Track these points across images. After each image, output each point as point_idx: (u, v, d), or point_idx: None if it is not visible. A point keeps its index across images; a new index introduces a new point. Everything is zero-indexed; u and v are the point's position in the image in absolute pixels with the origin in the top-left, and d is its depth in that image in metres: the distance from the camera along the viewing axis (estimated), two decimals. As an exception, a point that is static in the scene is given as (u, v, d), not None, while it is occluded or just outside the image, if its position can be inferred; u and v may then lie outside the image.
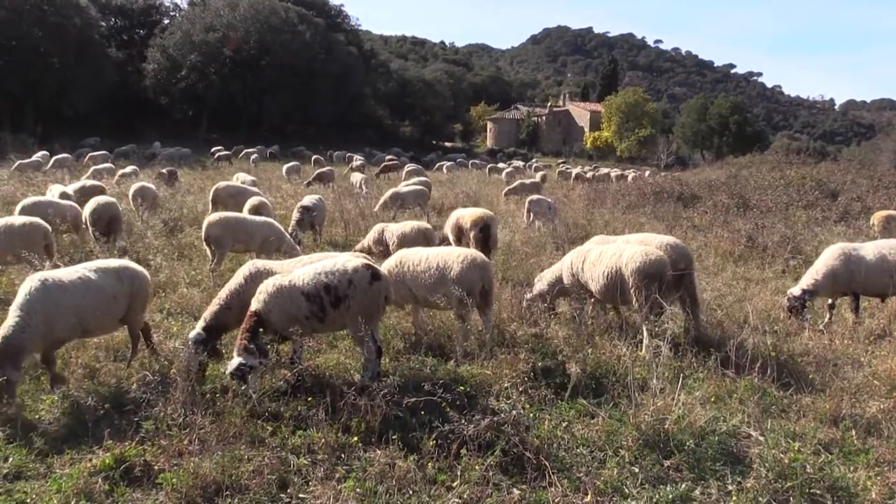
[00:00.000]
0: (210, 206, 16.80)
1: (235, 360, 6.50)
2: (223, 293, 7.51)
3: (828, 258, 9.79)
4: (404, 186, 20.05)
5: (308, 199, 15.44)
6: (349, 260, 7.06)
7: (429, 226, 12.34)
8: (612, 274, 8.44)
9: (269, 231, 11.74)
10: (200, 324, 7.33)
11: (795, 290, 9.80)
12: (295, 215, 14.51)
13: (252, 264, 7.79)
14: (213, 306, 7.43)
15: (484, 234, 12.15)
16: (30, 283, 6.66)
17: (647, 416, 5.96)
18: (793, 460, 5.37)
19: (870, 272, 9.46)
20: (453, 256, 8.10)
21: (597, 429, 6.10)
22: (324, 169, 27.87)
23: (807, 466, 5.33)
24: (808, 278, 9.82)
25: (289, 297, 6.78)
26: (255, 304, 6.85)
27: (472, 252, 8.44)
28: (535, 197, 18.46)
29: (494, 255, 12.79)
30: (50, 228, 10.72)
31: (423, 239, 11.69)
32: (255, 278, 7.30)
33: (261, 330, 6.86)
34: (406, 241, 11.59)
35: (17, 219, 10.54)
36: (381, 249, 11.81)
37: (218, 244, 11.46)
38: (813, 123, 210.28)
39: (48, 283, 6.67)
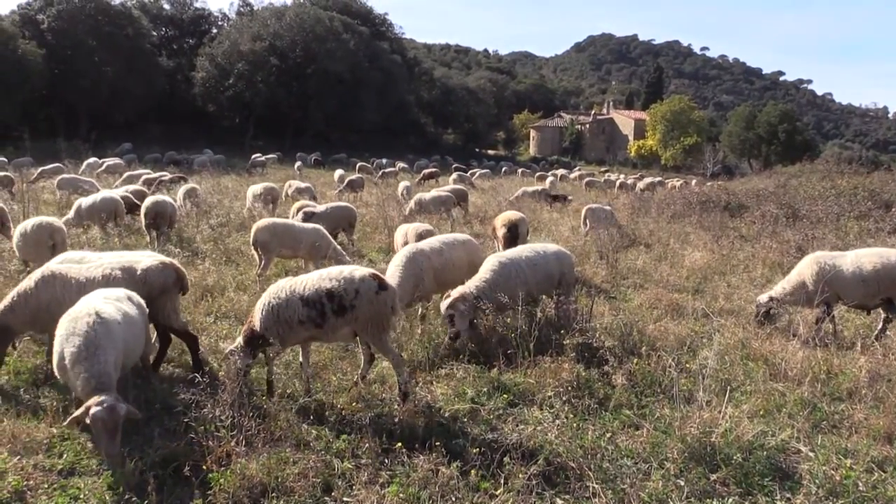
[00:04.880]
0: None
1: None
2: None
3: (801, 267, 9.66)
4: (427, 194, 20.24)
5: (324, 207, 15.49)
6: (357, 268, 6.85)
7: (428, 227, 12.76)
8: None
9: (315, 237, 11.87)
10: None
11: (763, 297, 9.74)
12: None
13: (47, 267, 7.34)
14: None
15: (511, 233, 12.78)
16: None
17: (693, 428, 5.87)
18: (844, 477, 5.25)
19: (844, 283, 9.23)
20: None
21: (641, 440, 6.03)
22: (353, 176, 28.31)
23: (859, 484, 5.20)
24: (779, 286, 9.78)
25: (286, 301, 6.59)
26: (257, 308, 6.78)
27: None
28: (592, 206, 18.27)
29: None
30: (63, 227, 11.31)
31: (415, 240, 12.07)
32: (47, 282, 7.01)
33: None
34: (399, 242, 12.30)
35: (28, 222, 11.14)
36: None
37: (265, 249, 11.67)
38: (865, 132, 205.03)
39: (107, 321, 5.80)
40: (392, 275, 8.54)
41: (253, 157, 41.38)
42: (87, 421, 5.21)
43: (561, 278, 9.29)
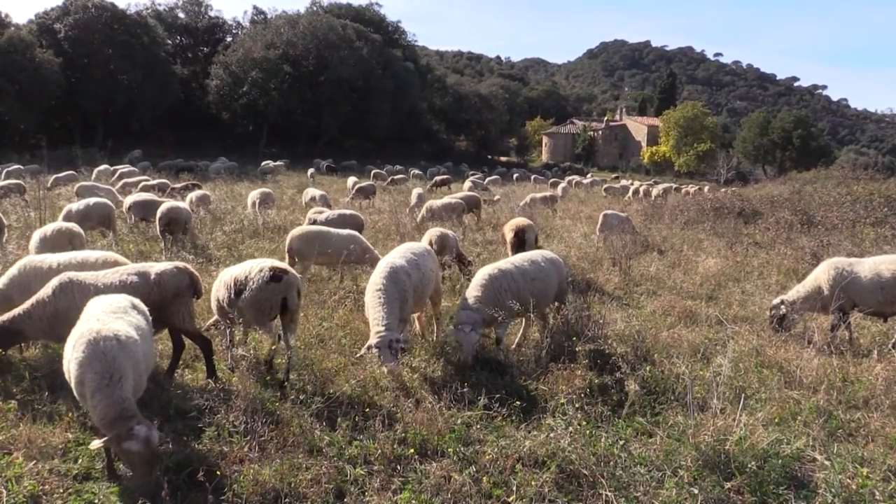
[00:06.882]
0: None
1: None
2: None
3: (818, 272, 9.65)
4: (438, 201, 20.33)
5: (325, 214, 15.53)
6: (265, 262, 7.75)
7: (447, 232, 12.82)
8: None
9: (351, 243, 11.86)
10: None
11: (776, 300, 9.74)
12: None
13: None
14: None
15: (518, 239, 12.88)
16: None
17: (706, 436, 5.83)
18: (861, 486, 5.19)
19: (861, 289, 9.18)
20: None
21: (655, 448, 5.99)
22: (364, 183, 28.41)
23: (875, 493, 5.16)
24: (794, 290, 9.77)
25: (219, 284, 7.92)
26: None
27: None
28: (607, 212, 18.22)
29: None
30: (81, 232, 11.66)
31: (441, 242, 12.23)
32: (64, 289, 6.97)
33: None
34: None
35: (48, 227, 11.43)
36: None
37: (300, 256, 11.69)
38: (881, 138, 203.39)
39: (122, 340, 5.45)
40: (373, 301, 7.81)
41: (263, 163, 41.73)
42: (116, 449, 5.09)
43: (559, 284, 9.22)
